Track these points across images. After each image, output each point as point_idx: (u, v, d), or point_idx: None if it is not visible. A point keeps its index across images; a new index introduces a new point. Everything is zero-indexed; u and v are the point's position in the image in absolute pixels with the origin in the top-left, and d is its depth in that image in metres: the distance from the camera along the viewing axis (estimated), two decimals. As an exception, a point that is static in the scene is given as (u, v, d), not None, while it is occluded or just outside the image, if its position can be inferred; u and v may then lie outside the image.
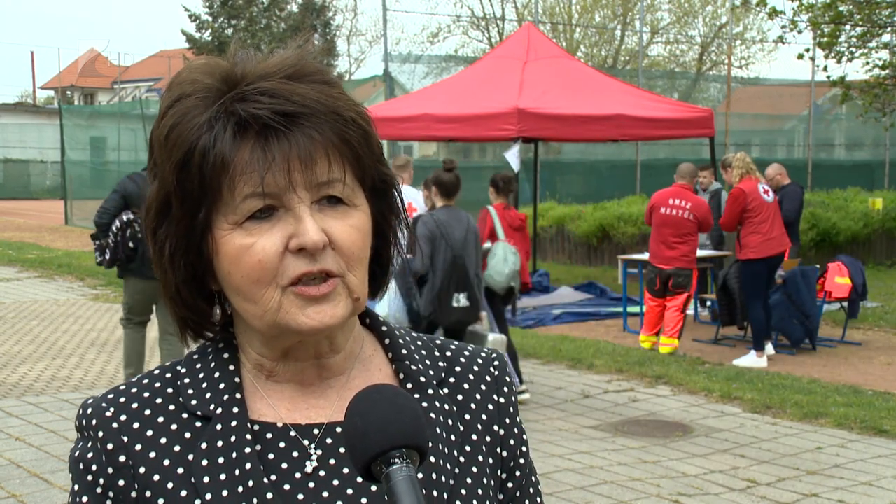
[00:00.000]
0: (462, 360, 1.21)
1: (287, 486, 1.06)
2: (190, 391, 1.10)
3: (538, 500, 1.22)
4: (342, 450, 1.09)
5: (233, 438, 1.06)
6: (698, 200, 9.58)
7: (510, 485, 1.18)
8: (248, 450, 1.06)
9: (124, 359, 7.50)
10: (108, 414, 1.09)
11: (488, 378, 1.21)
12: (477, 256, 6.89)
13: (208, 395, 1.09)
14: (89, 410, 1.10)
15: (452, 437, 1.13)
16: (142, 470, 1.06)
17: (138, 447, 1.07)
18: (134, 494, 1.06)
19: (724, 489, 5.78)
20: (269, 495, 1.04)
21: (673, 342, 9.48)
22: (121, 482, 1.06)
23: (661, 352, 9.46)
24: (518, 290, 7.97)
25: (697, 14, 35.23)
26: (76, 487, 1.09)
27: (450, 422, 1.14)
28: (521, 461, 1.20)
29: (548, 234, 16.65)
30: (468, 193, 8.90)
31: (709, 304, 11.67)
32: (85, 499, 1.08)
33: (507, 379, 1.23)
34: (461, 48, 34.71)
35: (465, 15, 35.13)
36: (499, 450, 1.17)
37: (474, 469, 1.13)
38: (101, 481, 1.07)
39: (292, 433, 1.09)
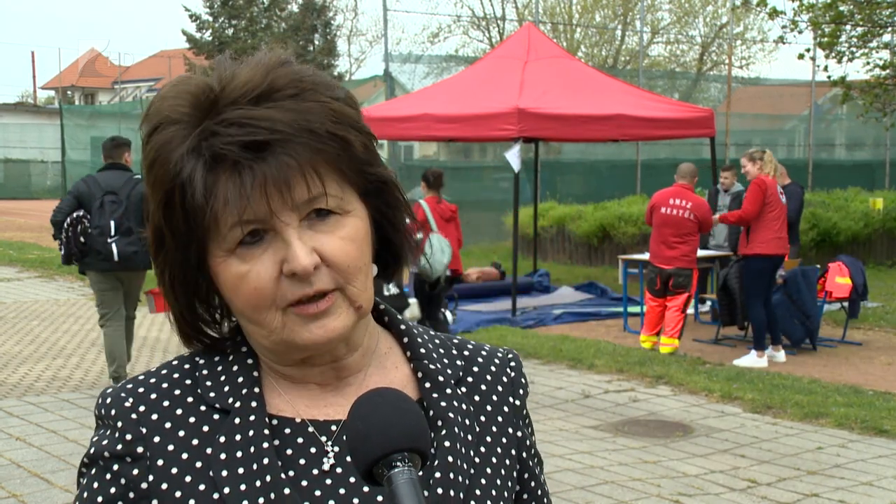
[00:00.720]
0: (479, 360, 1.22)
1: (305, 482, 1.07)
2: (208, 383, 1.11)
3: (546, 490, 1.25)
4: None
5: (251, 433, 1.07)
6: (699, 200, 9.58)
7: (532, 483, 1.21)
8: (266, 444, 1.06)
9: (106, 356, 7.82)
10: (128, 404, 1.09)
11: (505, 379, 1.22)
12: None
13: (227, 389, 1.10)
14: (108, 400, 1.11)
15: (469, 437, 1.13)
16: (160, 462, 1.06)
17: (157, 439, 1.07)
18: (145, 486, 1.06)
19: (725, 489, 5.78)
20: (287, 490, 1.04)
21: (673, 342, 9.48)
22: (135, 471, 1.07)
23: (661, 352, 9.46)
24: (444, 279, 8.91)
25: (698, 14, 35.23)
26: (91, 472, 1.10)
27: (467, 421, 1.14)
28: (536, 459, 1.23)
29: (548, 234, 16.65)
30: (469, 193, 9.00)
31: (708, 303, 11.67)
32: (95, 484, 1.08)
33: (523, 381, 1.24)
34: (462, 48, 34.69)
35: (466, 15, 35.14)
36: (514, 451, 1.18)
37: (489, 469, 1.14)
38: (115, 467, 1.07)
39: (310, 429, 1.10)
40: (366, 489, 1.07)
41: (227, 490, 1.04)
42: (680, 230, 9.36)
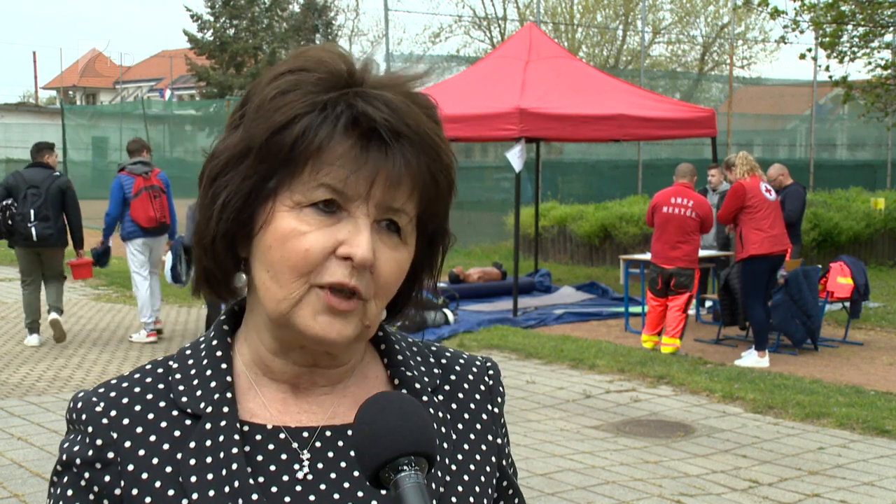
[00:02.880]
0: (457, 368, 1.21)
1: (274, 489, 1.06)
2: (181, 388, 1.09)
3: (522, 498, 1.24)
4: (331, 454, 1.09)
5: (221, 438, 1.05)
6: (700, 199, 9.57)
7: (510, 491, 1.20)
8: (235, 450, 1.05)
9: (24, 310, 9.88)
10: (99, 409, 1.08)
11: (483, 388, 1.21)
12: None
13: (199, 393, 1.09)
14: (80, 404, 1.09)
15: (444, 445, 1.13)
16: (130, 467, 1.05)
17: (127, 444, 1.06)
18: (118, 492, 1.05)
19: (726, 489, 5.78)
20: (255, 496, 1.03)
21: (675, 342, 9.47)
22: (106, 478, 1.05)
23: (662, 352, 9.45)
24: None
25: (699, 14, 35.21)
26: (64, 479, 1.08)
27: (442, 429, 1.14)
28: (512, 470, 1.23)
29: (549, 234, 16.65)
30: (471, 193, 8.95)
31: (708, 304, 11.66)
32: (70, 492, 1.07)
33: (501, 389, 1.24)
34: (463, 48, 34.67)
35: (467, 15, 35.12)
36: (494, 458, 1.18)
37: (465, 477, 1.13)
38: (87, 475, 1.06)
39: (282, 435, 1.09)
40: (336, 496, 1.07)
41: (195, 496, 1.03)
42: (682, 229, 9.36)
